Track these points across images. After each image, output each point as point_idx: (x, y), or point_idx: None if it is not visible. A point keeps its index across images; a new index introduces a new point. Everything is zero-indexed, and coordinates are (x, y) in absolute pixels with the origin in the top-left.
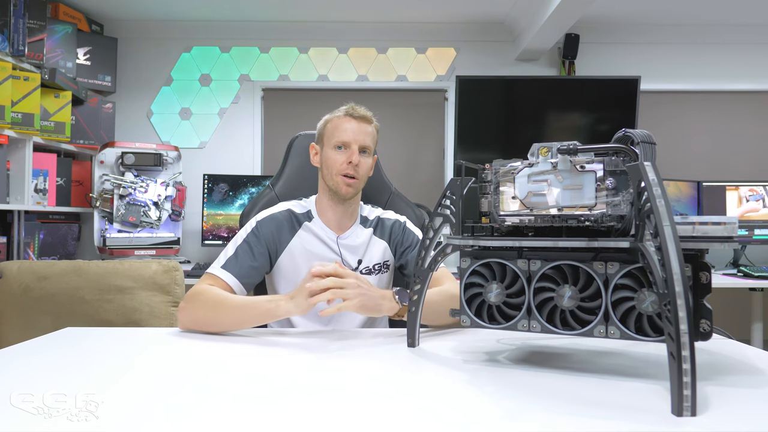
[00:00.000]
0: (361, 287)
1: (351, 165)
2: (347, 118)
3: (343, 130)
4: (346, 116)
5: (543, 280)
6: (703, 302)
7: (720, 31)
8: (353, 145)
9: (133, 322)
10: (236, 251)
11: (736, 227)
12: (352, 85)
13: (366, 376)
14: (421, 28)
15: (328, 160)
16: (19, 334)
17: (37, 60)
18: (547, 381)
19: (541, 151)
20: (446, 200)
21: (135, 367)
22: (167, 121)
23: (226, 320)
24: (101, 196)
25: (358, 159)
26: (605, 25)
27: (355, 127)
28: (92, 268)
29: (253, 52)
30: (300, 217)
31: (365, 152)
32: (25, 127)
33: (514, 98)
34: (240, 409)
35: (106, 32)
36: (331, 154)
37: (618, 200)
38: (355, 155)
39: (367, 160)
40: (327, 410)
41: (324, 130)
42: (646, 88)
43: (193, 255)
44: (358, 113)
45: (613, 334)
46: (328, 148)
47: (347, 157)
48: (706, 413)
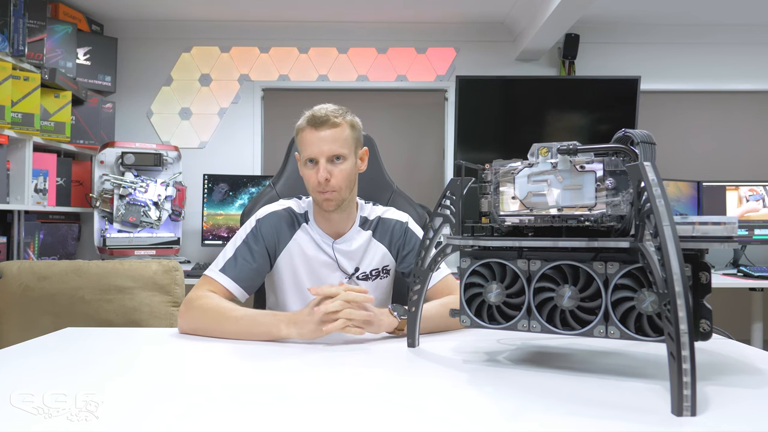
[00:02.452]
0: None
1: (326, 182)
2: (309, 128)
3: (308, 143)
4: (308, 126)
5: (543, 280)
6: (703, 302)
7: (720, 31)
8: (320, 159)
9: (133, 322)
10: (235, 253)
11: (736, 227)
12: (352, 85)
13: (366, 377)
14: (421, 28)
15: (304, 177)
16: (19, 334)
17: (37, 60)
18: (547, 381)
19: (541, 151)
20: (446, 200)
21: (135, 367)
22: (167, 121)
23: (224, 334)
24: (101, 196)
25: (325, 174)
26: (605, 25)
27: (319, 138)
28: (92, 268)
29: (253, 52)
30: (299, 217)
31: (339, 158)
32: (25, 127)
33: (514, 98)
34: (239, 409)
35: (106, 32)
36: (304, 171)
37: (618, 200)
38: (321, 171)
39: (343, 166)
40: (327, 410)
41: (297, 142)
42: (646, 88)
43: (193, 255)
44: (319, 119)
45: (613, 334)
46: (301, 163)
47: (316, 174)
48: (706, 413)
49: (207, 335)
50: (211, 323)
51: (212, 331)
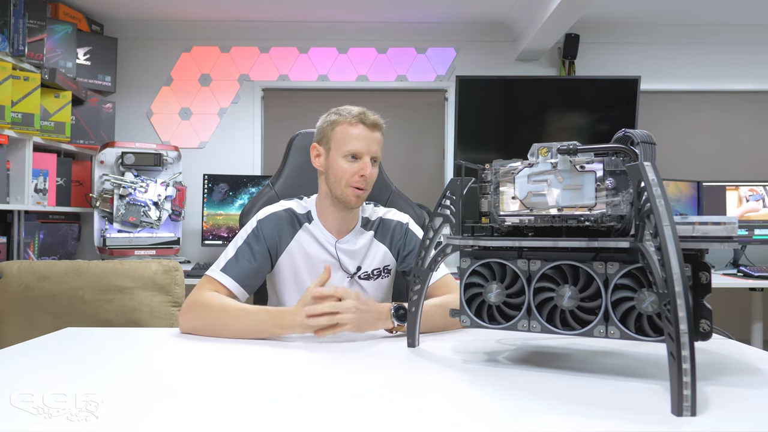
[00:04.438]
0: (359, 309)
1: (363, 178)
2: (359, 125)
3: (356, 138)
4: (361, 124)
5: (543, 280)
6: (703, 302)
7: (720, 31)
8: (366, 156)
9: (133, 322)
10: (236, 253)
11: (735, 227)
12: (352, 85)
13: (366, 377)
14: (421, 28)
15: (337, 169)
16: (19, 334)
17: (37, 60)
18: (547, 381)
19: (541, 151)
20: (446, 200)
21: (135, 367)
22: (167, 121)
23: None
24: (101, 196)
25: (370, 171)
26: (605, 25)
27: (368, 136)
28: (92, 268)
29: (253, 52)
30: (300, 218)
31: (375, 161)
32: (25, 127)
33: (514, 98)
34: (239, 409)
35: (106, 32)
36: (341, 163)
37: (618, 200)
38: (368, 167)
39: (376, 169)
40: (327, 410)
41: (332, 133)
42: (646, 88)
43: (193, 255)
44: (371, 120)
45: (613, 334)
46: (336, 155)
47: (359, 169)
48: (706, 413)
49: (210, 334)
50: (216, 321)
51: (217, 329)
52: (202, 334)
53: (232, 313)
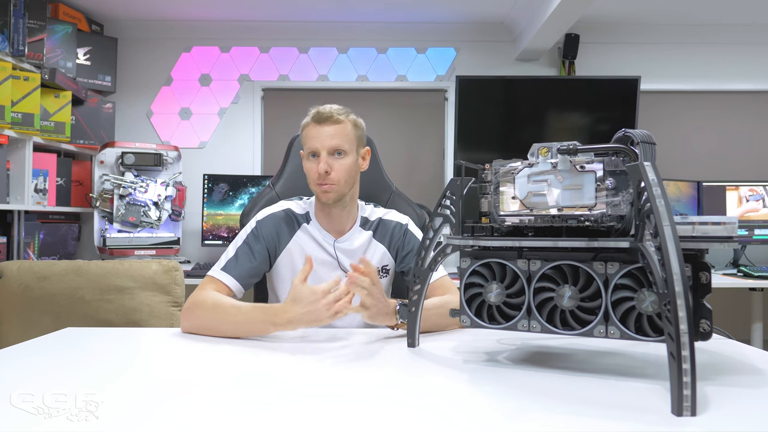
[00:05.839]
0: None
1: (326, 174)
2: (313, 124)
3: (311, 137)
4: (312, 122)
5: (543, 280)
6: (703, 302)
7: (720, 31)
8: (321, 152)
9: (133, 322)
10: (236, 253)
11: (735, 227)
12: (352, 85)
13: (366, 377)
14: (421, 28)
15: (305, 170)
16: (19, 334)
17: (37, 60)
18: (547, 381)
19: (541, 151)
20: (446, 200)
21: (135, 367)
22: (167, 121)
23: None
24: (101, 196)
25: (325, 166)
26: (605, 25)
27: (321, 132)
28: (92, 268)
29: (253, 52)
30: (299, 218)
31: (340, 153)
32: (25, 127)
33: (514, 98)
34: (240, 410)
35: (106, 32)
36: (306, 164)
37: (618, 200)
38: (322, 163)
39: (343, 161)
40: (327, 410)
41: (302, 138)
42: (646, 88)
43: (193, 255)
44: (323, 116)
45: (613, 334)
46: (304, 158)
47: (317, 167)
48: (706, 413)
49: (208, 333)
50: (212, 320)
51: (213, 327)
52: (200, 332)
53: (227, 311)
